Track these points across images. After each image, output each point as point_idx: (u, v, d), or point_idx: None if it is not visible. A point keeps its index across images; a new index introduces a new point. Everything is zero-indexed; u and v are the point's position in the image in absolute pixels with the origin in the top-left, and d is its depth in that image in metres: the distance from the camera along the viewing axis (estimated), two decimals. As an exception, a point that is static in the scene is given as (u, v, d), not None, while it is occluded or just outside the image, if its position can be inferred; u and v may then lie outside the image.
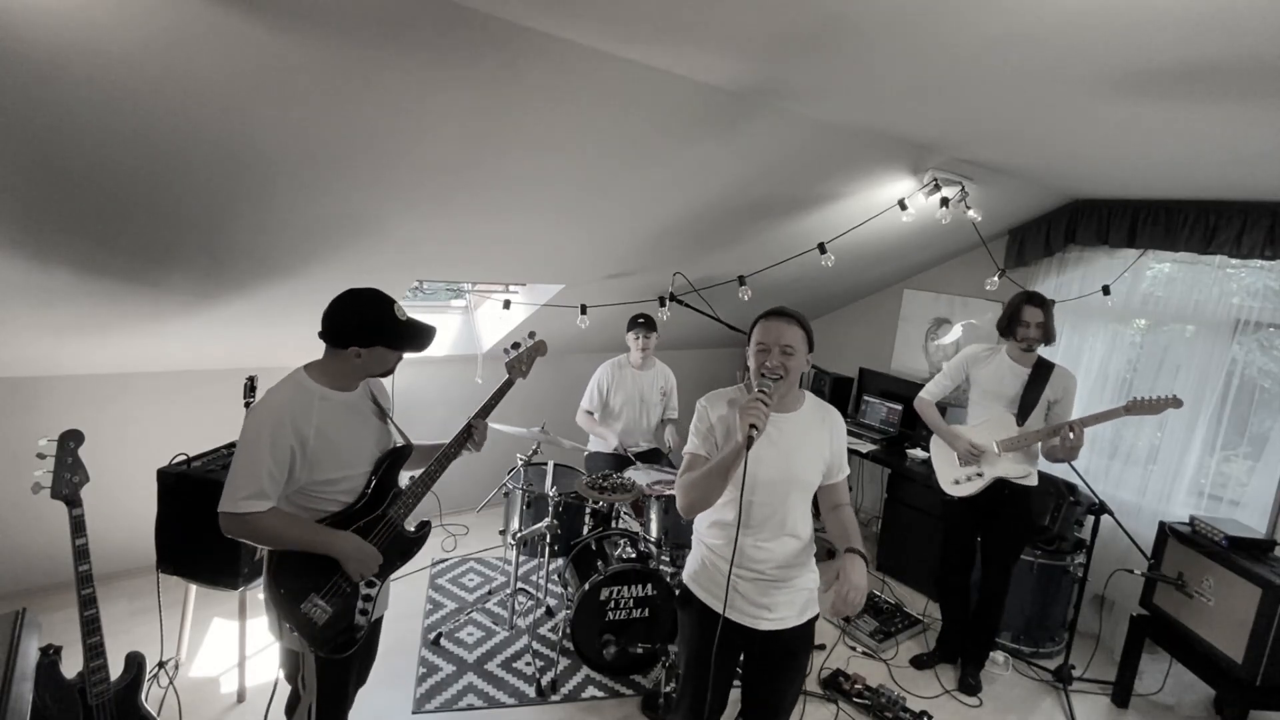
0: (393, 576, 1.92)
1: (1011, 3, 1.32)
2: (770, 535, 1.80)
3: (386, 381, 2.01)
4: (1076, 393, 2.87)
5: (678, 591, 2.03)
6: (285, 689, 1.89)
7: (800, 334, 1.77)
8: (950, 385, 3.13)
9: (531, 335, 2.23)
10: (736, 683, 2.01)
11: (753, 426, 1.57)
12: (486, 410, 2.02)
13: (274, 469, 1.62)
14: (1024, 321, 2.85)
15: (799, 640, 1.89)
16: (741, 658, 1.96)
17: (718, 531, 1.86)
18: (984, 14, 1.39)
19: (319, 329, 1.72)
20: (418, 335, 1.78)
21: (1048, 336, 2.86)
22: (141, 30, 1.41)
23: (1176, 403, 2.67)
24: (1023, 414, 2.88)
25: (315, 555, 1.71)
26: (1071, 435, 2.71)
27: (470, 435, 1.99)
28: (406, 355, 1.82)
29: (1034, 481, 2.92)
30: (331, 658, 1.77)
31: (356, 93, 1.75)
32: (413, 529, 1.92)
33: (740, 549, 1.75)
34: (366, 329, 1.70)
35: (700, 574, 1.91)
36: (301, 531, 1.69)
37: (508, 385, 2.08)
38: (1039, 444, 2.86)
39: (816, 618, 1.92)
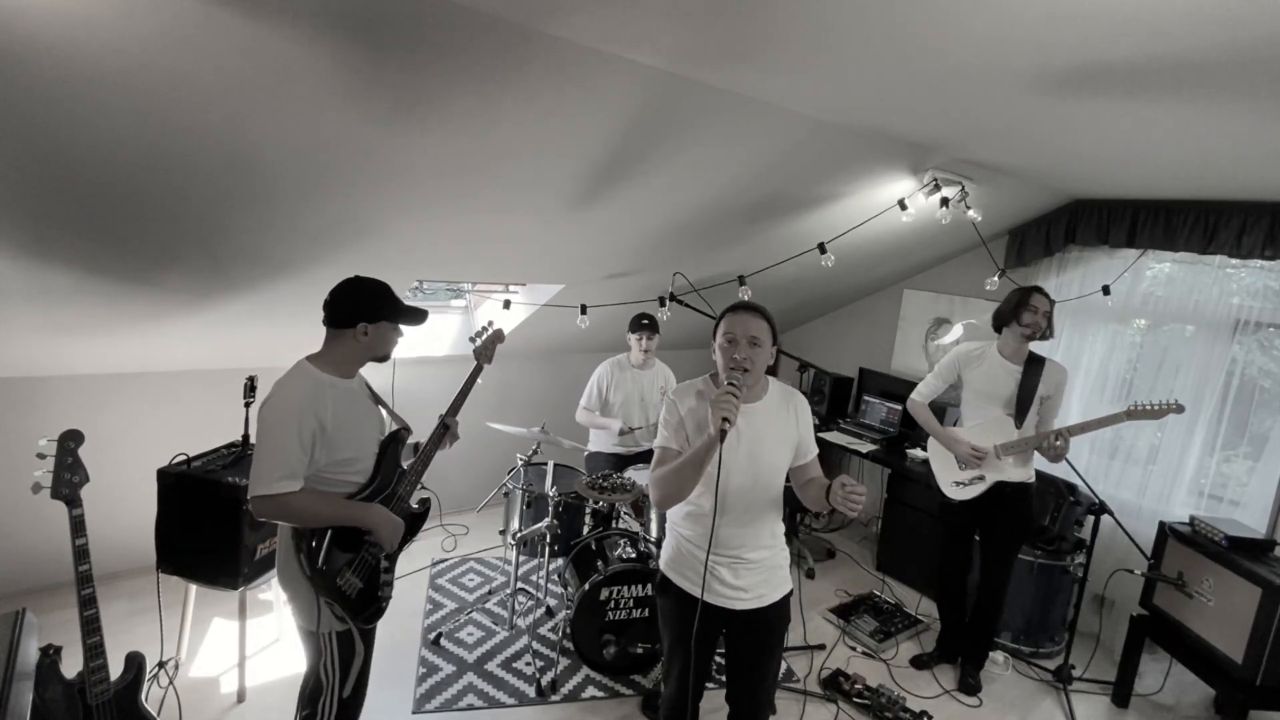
0: (394, 575, 2.01)
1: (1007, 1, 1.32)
2: (743, 520, 1.86)
3: (387, 379, 2.07)
4: (1071, 390, 2.84)
5: (656, 579, 2.10)
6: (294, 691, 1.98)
7: (765, 325, 1.83)
8: (942, 385, 3.09)
9: (490, 324, 2.42)
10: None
11: (725, 420, 1.62)
12: (457, 406, 2.18)
13: (300, 453, 1.72)
14: (1032, 307, 2.81)
15: (775, 616, 1.96)
16: (721, 637, 2.05)
17: (691, 521, 1.91)
18: (980, 11, 1.39)
19: (322, 318, 1.84)
20: (415, 311, 1.93)
21: (1051, 329, 2.85)
22: (143, 31, 1.41)
23: (1179, 408, 2.60)
24: (1020, 415, 2.86)
25: (339, 535, 1.81)
26: (1059, 444, 2.70)
27: (445, 432, 2.13)
28: (406, 355, 1.86)
29: (1032, 479, 2.92)
30: (364, 628, 1.91)
31: (357, 94, 1.75)
32: (416, 505, 2.08)
33: (715, 535, 1.81)
34: (373, 305, 1.83)
35: (676, 561, 1.97)
36: (333, 507, 1.80)
37: (477, 371, 2.27)
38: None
39: (791, 593, 2.00)
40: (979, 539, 3.06)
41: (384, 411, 2.05)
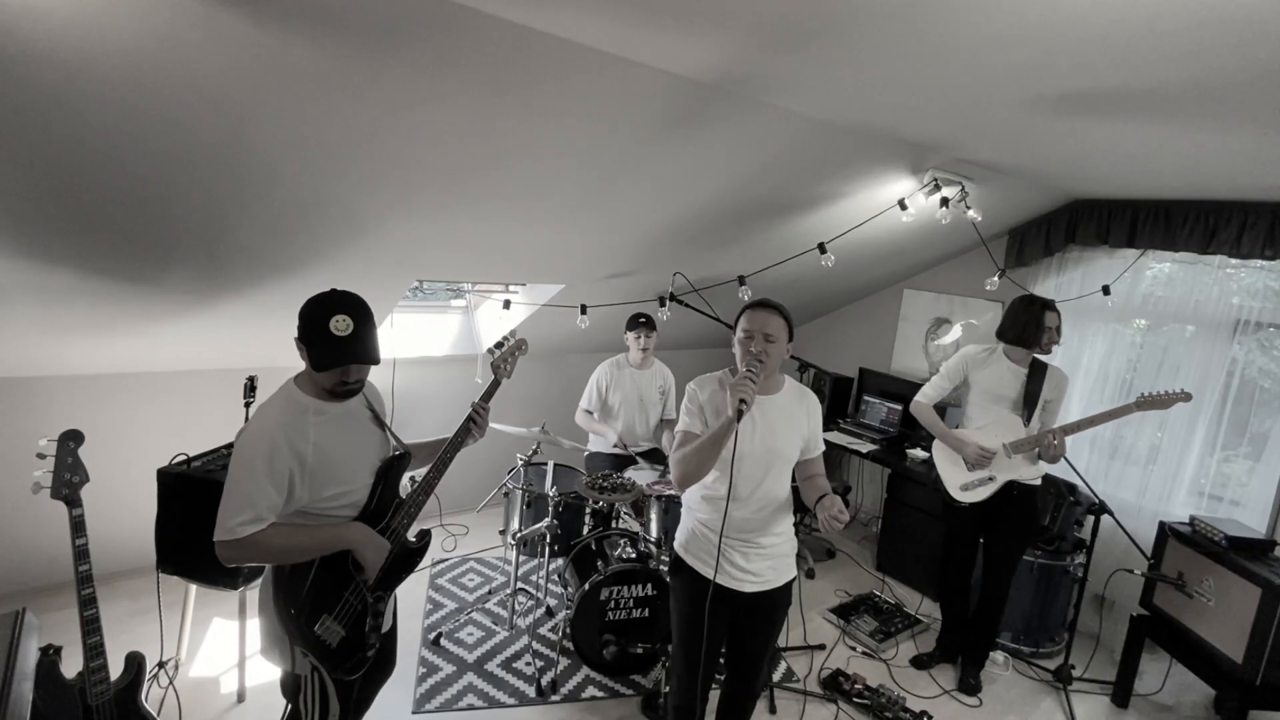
0: (383, 622, 1.87)
1: (1012, 5, 1.32)
2: (755, 505, 1.97)
3: (385, 381, 2.02)
4: (1072, 391, 2.86)
5: (669, 559, 2.18)
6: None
7: (781, 323, 1.94)
8: (949, 387, 3.07)
9: (512, 334, 2.20)
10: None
11: (742, 401, 1.73)
12: (489, 393, 2.04)
13: (273, 494, 1.54)
14: (1047, 328, 2.83)
15: (779, 600, 2.08)
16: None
17: (707, 504, 2.00)
18: (983, 13, 1.39)
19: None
20: (338, 355, 1.56)
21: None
22: (141, 30, 1.41)
23: (1186, 396, 2.68)
24: (1028, 414, 2.87)
25: (323, 575, 1.65)
26: (1056, 443, 2.73)
27: (475, 422, 1.94)
28: (405, 355, 1.80)
29: (1039, 480, 2.92)
30: (344, 679, 1.72)
31: (357, 94, 1.75)
32: (414, 539, 1.89)
33: (729, 518, 1.91)
34: (301, 334, 1.57)
35: (690, 542, 2.06)
36: (307, 536, 1.62)
37: (495, 385, 2.09)
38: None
39: (795, 579, 2.12)
40: (984, 540, 3.06)
41: (389, 435, 1.86)
